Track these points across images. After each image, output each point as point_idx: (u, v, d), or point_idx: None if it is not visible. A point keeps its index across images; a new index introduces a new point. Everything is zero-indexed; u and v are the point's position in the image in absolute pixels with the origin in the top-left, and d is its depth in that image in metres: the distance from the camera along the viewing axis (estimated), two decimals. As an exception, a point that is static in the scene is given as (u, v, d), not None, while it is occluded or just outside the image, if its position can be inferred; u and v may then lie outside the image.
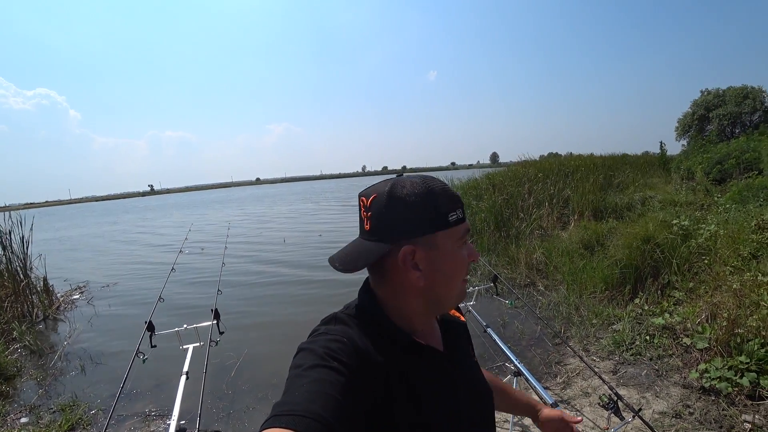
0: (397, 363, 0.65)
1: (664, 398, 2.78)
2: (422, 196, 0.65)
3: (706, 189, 7.39)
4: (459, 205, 0.69)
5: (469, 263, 0.72)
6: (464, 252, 0.70)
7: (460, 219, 0.68)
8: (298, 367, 0.58)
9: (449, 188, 0.70)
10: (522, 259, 5.81)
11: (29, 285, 6.23)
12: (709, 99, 21.33)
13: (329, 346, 0.60)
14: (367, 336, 0.65)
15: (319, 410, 0.50)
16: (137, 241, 14.73)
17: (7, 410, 3.45)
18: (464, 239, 0.70)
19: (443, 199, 0.67)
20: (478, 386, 0.79)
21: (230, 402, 3.31)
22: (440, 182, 0.70)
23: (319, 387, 0.53)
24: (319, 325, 0.69)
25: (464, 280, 0.72)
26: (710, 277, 3.83)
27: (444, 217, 0.66)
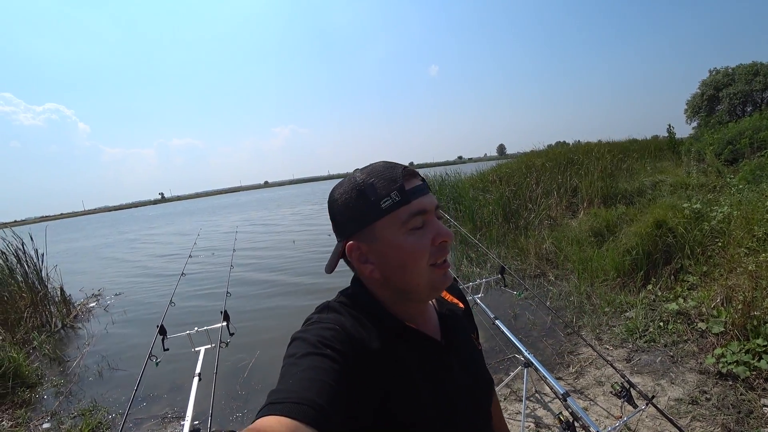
0: (390, 350, 0.65)
1: (679, 385, 2.74)
2: (352, 191, 0.67)
3: (718, 170, 7.23)
4: (394, 187, 0.64)
5: (441, 244, 0.66)
6: (413, 237, 0.65)
7: (398, 202, 0.64)
8: (292, 356, 0.58)
9: (388, 172, 0.66)
10: (531, 250, 5.76)
11: (47, 295, 6.37)
12: (719, 78, 20.85)
13: (322, 334, 0.60)
14: (359, 323, 0.66)
15: (314, 397, 0.50)
16: (148, 249, 14.94)
17: (29, 417, 3.54)
18: (412, 222, 0.65)
19: (373, 188, 0.65)
20: (478, 375, 0.78)
21: (244, 402, 3.35)
22: (379, 169, 0.67)
23: (313, 374, 0.53)
24: (312, 314, 0.70)
25: (437, 265, 0.67)
26: (725, 260, 3.76)
27: (376, 207, 0.64)
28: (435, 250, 0.66)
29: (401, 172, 0.66)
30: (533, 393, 2.85)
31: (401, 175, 0.65)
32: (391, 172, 0.66)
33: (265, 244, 11.82)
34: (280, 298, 6.26)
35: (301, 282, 6.99)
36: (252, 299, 6.21)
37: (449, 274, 0.69)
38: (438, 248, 0.66)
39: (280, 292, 6.52)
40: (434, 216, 0.68)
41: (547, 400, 2.78)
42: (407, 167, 0.68)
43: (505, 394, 2.92)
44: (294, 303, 6.11)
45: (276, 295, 6.37)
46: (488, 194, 8.30)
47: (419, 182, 0.68)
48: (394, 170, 0.66)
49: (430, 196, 0.68)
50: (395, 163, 0.68)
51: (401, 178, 0.65)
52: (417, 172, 0.69)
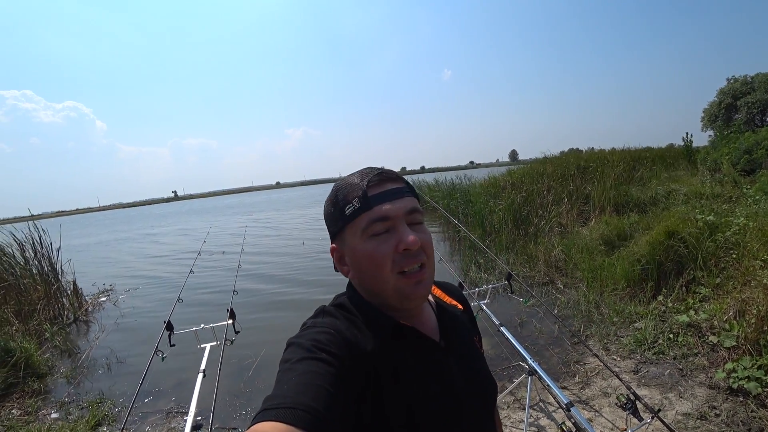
0: (386, 352, 0.65)
1: (688, 399, 2.68)
2: (329, 197, 0.71)
3: (734, 180, 7.09)
4: (356, 194, 0.65)
5: (404, 251, 0.64)
6: (372, 243, 0.65)
7: (358, 209, 0.65)
8: (287, 361, 0.58)
9: (358, 179, 0.67)
10: (541, 257, 5.71)
11: (60, 288, 6.49)
12: (737, 86, 20.42)
13: (317, 338, 0.61)
14: (354, 326, 0.66)
15: (309, 401, 0.50)
16: (159, 246, 15.15)
17: (39, 406, 3.61)
18: (373, 228, 0.65)
19: (341, 195, 0.68)
20: (479, 378, 0.77)
21: (247, 400, 3.37)
22: (350, 178, 0.69)
23: (309, 379, 0.53)
24: (308, 318, 0.70)
25: (404, 273, 0.65)
26: (739, 272, 3.67)
27: (342, 213, 0.67)
28: (399, 258, 0.64)
29: (369, 178, 0.66)
30: (537, 402, 2.82)
31: (368, 181, 0.66)
32: (359, 180, 0.67)
33: (274, 243, 11.90)
34: (286, 297, 6.30)
35: (308, 280, 7.02)
36: (259, 298, 6.25)
37: (424, 282, 0.67)
38: (402, 255, 0.64)
39: (286, 292, 6.56)
40: (402, 222, 0.66)
41: (551, 409, 2.74)
42: (384, 172, 0.68)
43: (509, 401, 2.89)
44: (300, 302, 6.14)
45: (283, 295, 6.41)
46: (499, 200, 8.25)
47: (391, 186, 0.67)
48: (363, 177, 0.67)
49: (402, 201, 0.66)
50: (373, 168, 0.69)
51: (366, 185, 0.65)
52: (395, 177, 0.69)
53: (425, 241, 0.67)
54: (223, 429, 3.00)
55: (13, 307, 5.52)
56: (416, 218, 0.68)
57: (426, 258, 0.67)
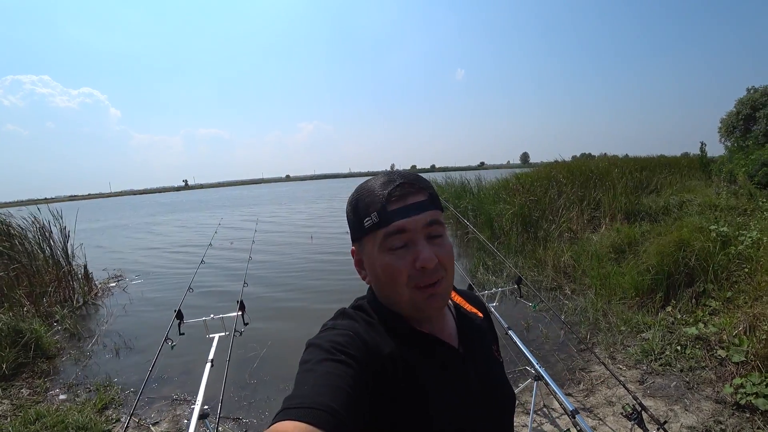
0: (404, 356, 0.65)
1: (693, 412, 2.66)
2: (350, 204, 0.72)
3: (750, 193, 6.97)
4: (375, 208, 0.65)
5: (419, 270, 0.64)
6: (390, 257, 0.65)
7: (376, 224, 0.65)
8: (307, 362, 0.59)
9: (378, 189, 0.67)
10: (549, 262, 5.68)
11: (71, 272, 6.60)
12: (756, 97, 20.03)
13: (336, 340, 0.61)
14: (373, 329, 0.67)
15: (329, 402, 0.50)
16: (170, 236, 15.31)
17: (48, 387, 3.68)
18: (390, 242, 0.65)
19: (362, 205, 0.68)
20: (497, 387, 0.76)
21: (252, 391, 3.41)
22: (373, 185, 0.68)
23: (328, 380, 0.54)
24: (328, 320, 0.71)
25: (419, 288, 0.65)
26: (751, 287, 3.62)
27: (361, 224, 0.68)
28: (415, 273, 0.64)
29: (389, 191, 0.65)
30: (541, 407, 2.81)
31: (387, 195, 0.65)
32: (380, 189, 0.66)
33: (284, 238, 11.96)
34: (295, 291, 6.34)
35: (317, 276, 7.06)
36: (267, 291, 6.30)
37: (438, 296, 0.66)
38: (419, 272, 0.64)
39: (295, 287, 6.60)
40: (421, 237, 0.65)
41: (554, 415, 2.74)
42: (406, 183, 0.67)
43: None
44: (313, 285, 6.21)
45: (292, 289, 6.45)
46: (508, 203, 8.21)
47: (412, 201, 0.66)
48: (384, 187, 0.66)
49: (423, 215, 0.65)
50: (397, 177, 0.68)
51: (385, 198, 0.65)
52: (418, 188, 0.67)
53: (443, 255, 0.66)
54: (228, 418, 3.04)
55: (25, 289, 5.63)
56: (436, 230, 0.67)
57: (444, 274, 0.67)
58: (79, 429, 2.96)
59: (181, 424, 3.05)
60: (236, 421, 3.03)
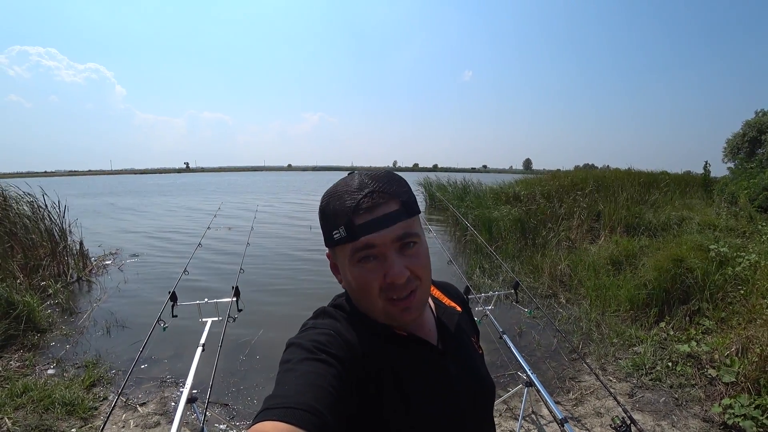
0: (385, 355, 0.65)
1: (681, 429, 2.67)
2: (320, 209, 0.68)
3: (750, 215, 6.98)
4: (342, 221, 0.62)
5: (388, 283, 0.62)
6: (360, 269, 0.63)
7: (344, 238, 0.62)
8: (288, 362, 0.58)
9: (345, 199, 0.62)
10: (546, 270, 5.68)
11: (66, 247, 6.56)
12: (764, 120, 20.04)
13: (318, 339, 0.61)
14: (354, 328, 0.66)
15: (311, 401, 0.50)
16: (169, 217, 15.28)
17: (36, 361, 3.67)
18: (358, 255, 0.62)
19: (329, 213, 0.64)
20: (477, 379, 0.76)
21: (241, 378, 3.40)
22: (341, 191, 0.64)
23: (310, 379, 0.54)
24: (309, 319, 0.71)
25: (390, 300, 0.64)
26: (745, 309, 3.63)
27: (330, 235, 0.65)
28: (387, 286, 0.63)
29: (357, 202, 0.61)
30: (530, 413, 2.82)
31: (354, 206, 0.61)
32: (346, 202, 0.62)
33: (282, 227, 11.95)
34: (288, 280, 6.34)
35: (318, 260, 7.06)
36: (262, 278, 6.29)
37: (413, 308, 0.65)
38: (390, 285, 0.63)
39: (289, 275, 6.60)
40: (391, 250, 0.62)
41: (542, 422, 2.74)
42: (376, 191, 0.62)
43: (501, 410, 2.89)
44: (307, 276, 6.20)
45: (285, 277, 6.45)
46: (509, 207, 8.21)
47: (382, 212, 0.62)
48: (352, 197, 0.62)
49: (392, 229, 0.62)
50: (362, 184, 0.63)
51: (352, 210, 0.61)
52: (389, 196, 0.63)
53: (416, 265, 0.64)
54: (216, 404, 3.03)
55: (19, 261, 5.60)
56: (409, 240, 0.64)
57: (419, 283, 0.65)
58: (65, 404, 2.95)
59: (168, 406, 3.04)
60: (224, 407, 3.03)
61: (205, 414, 1.97)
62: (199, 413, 2.35)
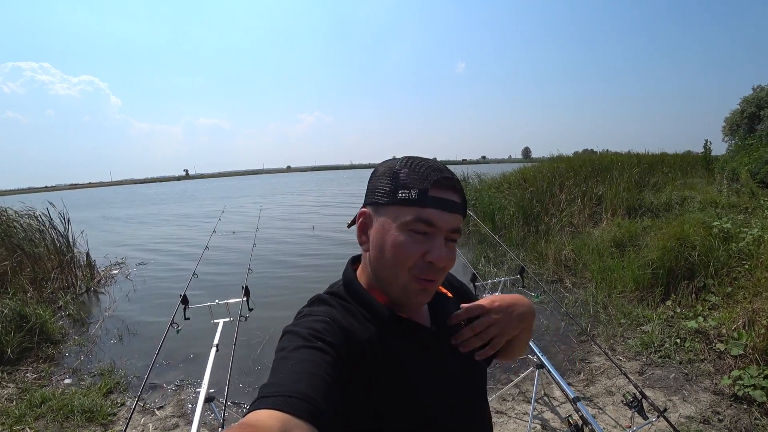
0: (382, 340, 0.65)
1: (692, 403, 2.70)
2: (387, 169, 0.69)
3: (752, 191, 6.98)
4: (417, 186, 0.64)
5: (427, 263, 0.65)
6: (406, 237, 0.64)
7: (411, 200, 0.63)
8: (283, 350, 0.58)
9: (424, 172, 0.65)
10: (550, 255, 5.71)
11: (73, 259, 6.63)
12: (762, 96, 19.94)
13: (313, 326, 0.61)
14: (350, 314, 0.67)
15: (306, 390, 0.50)
16: (173, 224, 15.34)
17: (53, 371, 3.72)
18: (414, 225, 0.64)
19: (404, 175, 0.66)
20: (470, 363, 0.77)
21: (255, 378, 3.44)
22: (423, 165, 0.67)
23: (305, 367, 0.53)
24: (304, 307, 0.71)
25: (417, 278, 0.65)
26: (750, 283, 3.66)
27: (393, 192, 0.65)
28: (421, 264, 0.65)
29: (436, 178, 0.64)
30: (542, 396, 2.85)
31: (433, 180, 0.64)
32: (426, 173, 0.65)
33: (287, 223, 11.99)
34: (295, 278, 6.39)
35: (323, 256, 7.10)
36: (271, 276, 6.34)
37: (429, 292, 0.68)
38: (426, 265, 0.65)
39: (296, 273, 6.65)
40: (442, 236, 0.65)
41: (555, 404, 2.78)
42: (454, 179, 0.67)
43: (513, 394, 2.93)
44: (314, 273, 6.24)
45: (292, 275, 6.50)
46: (510, 197, 8.23)
47: (451, 197, 0.66)
48: (431, 173, 0.65)
49: (453, 217, 0.65)
50: (444, 168, 0.67)
51: (431, 183, 0.64)
52: (459, 189, 0.67)
53: (450, 260, 0.67)
54: (232, 403, 3.08)
55: (28, 275, 5.66)
56: (455, 237, 0.68)
57: (441, 275, 0.68)
58: (84, 412, 3.00)
59: (186, 408, 3.09)
60: (238, 406, 3.07)
61: (225, 411, 2.01)
62: (218, 412, 2.39)
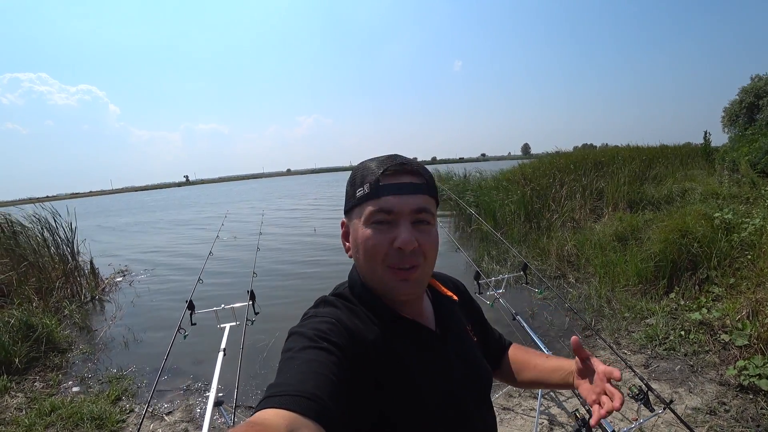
0: (387, 341, 0.66)
1: (698, 394, 2.71)
2: (350, 175, 0.72)
3: (752, 181, 6.98)
4: (369, 179, 0.66)
5: (398, 250, 0.64)
6: (371, 230, 0.65)
7: (366, 195, 0.66)
8: (290, 350, 0.59)
9: (376, 164, 0.67)
10: (553, 251, 5.72)
11: (77, 268, 6.66)
12: (760, 85, 19.87)
13: (319, 327, 0.62)
14: (355, 315, 0.68)
15: (313, 389, 0.51)
16: (174, 232, 15.38)
17: (60, 379, 3.74)
18: (376, 217, 0.65)
19: (358, 176, 0.69)
20: (474, 365, 0.79)
21: (262, 381, 3.46)
22: (376, 160, 0.69)
23: (312, 367, 0.54)
24: (309, 308, 0.72)
25: (393, 269, 0.66)
26: (753, 273, 3.66)
27: (354, 194, 0.69)
28: (393, 253, 0.65)
29: (386, 167, 0.66)
30: (548, 391, 2.86)
31: (384, 168, 0.66)
32: (377, 166, 0.67)
33: (288, 230, 12.01)
34: (298, 280, 6.40)
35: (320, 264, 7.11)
36: (275, 279, 6.36)
37: (412, 282, 0.67)
38: (396, 252, 0.65)
39: (300, 274, 6.67)
40: (406, 219, 0.65)
41: (561, 398, 2.79)
42: (406, 163, 0.68)
43: (520, 390, 2.94)
44: (318, 275, 6.25)
45: (297, 277, 6.52)
46: (511, 193, 8.24)
47: (407, 180, 0.66)
48: (381, 164, 0.67)
49: (413, 198, 0.66)
50: (397, 157, 0.69)
51: (380, 173, 0.65)
52: (416, 170, 0.68)
53: (426, 243, 0.66)
54: (240, 406, 3.09)
55: (33, 285, 5.68)
56: (424, 218, 0.67)
57: (423, 260, 0.67)
58: (94, 419, 3.02)
59: (194, 413, 3.10)
60: (248, 409, 3.09)
61: (234, 414, 2.02)
62: (227, 416, 2.41)
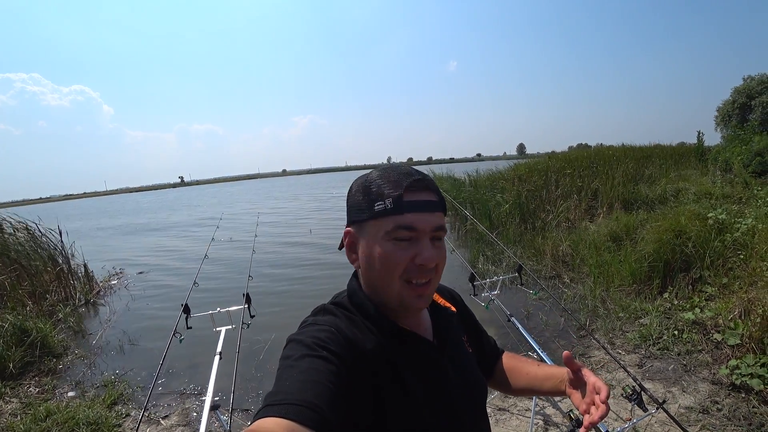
0: (385, 351, 0.66)
1: (691, 393, 2.74)
2: (361, 185, 0.70)
3: (745, 181, 7.04)
4: (392, 195, 0.64)
5: (420, 266, 0.65)
6: (393, 246, 0.65)
7: (389, 210, 0.64)
8: (288, 358, 0.59)
9: (396, 178, 0.66)
10: (548, 251, 5.75)
11: (71, 271, 6.60)
12: (753, 85, 20.00)
13: (318, 335, 0.62)
14: (354, 325, 0.68)
15: (312, 398, 0.51)
16: (170, 233, 15.31)
17: (56, 384, 3.72)
18: (397, 233, 0.64)
19: (375, 188, 0.67)
20: (470, 377, 0.80)
21: (258, 383, 3.46)
22: (393, 172, 0.67)
23: (310, 376, 0.54)
24: (308, 316, 0.72)
25: (410, 284, 0.66)
26: (745, 273, 3.69)
27: (371, 207, 0.66)
28: (412, 268, 0.65)
29: (409, 182, 0.65)
30: (543, 392, 2.88)
31: (406, 185, 0.65)
32: (397, 180, 0.66)
33: (284, 229, 11.99)
34: (293, 282, 6.39)
35: (316, 267, 7.11)
36: (270, 282, 6.34)
37: (425, 296, 0.68)
38: (416, 268, 0.65)
39: (295, 277, 6.65)
40: (427, 237, 0.66)
41: (556, 399, 2.80)
42: (425, 180, 0.67)
43: (515, 391, 2.95)
44: (313, 277, 6.24)
45: (292, 281, 6.50)
46: (506, 193, 8.27)
47: (426, 198, 0.66)
48: (401, 179, 0.66)
49: (433, 216, 0.66)
50: (414, 172, 0.68)
51: (404, 188, 0.64)
52: (433, 187, 0.68)
53: (440, 258, 0.67)
54: (237, 410, 3.09)
55: (26, 289, 5.64)
56: (440, 235, 0.68)
57: (434, 275, 0.68)
58: (89, 424, 3.00)
59: (190, 417, 3.10)
60: (245, 412, 3.09)
61: (231, 418, 2.02)
62: (224, 420, 2.41)
